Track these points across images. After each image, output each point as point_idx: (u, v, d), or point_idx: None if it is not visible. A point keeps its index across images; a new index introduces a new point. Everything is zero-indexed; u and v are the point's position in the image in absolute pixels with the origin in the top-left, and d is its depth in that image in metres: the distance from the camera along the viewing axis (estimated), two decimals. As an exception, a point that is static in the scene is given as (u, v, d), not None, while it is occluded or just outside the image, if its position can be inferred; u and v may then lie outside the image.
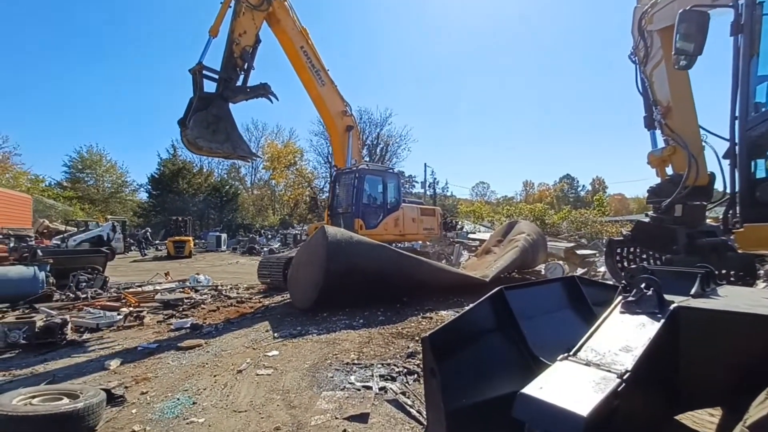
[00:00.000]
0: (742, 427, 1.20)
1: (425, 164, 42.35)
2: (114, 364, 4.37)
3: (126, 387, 3.70)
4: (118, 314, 6.50)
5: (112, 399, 3.38)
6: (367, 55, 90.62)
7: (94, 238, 18.61)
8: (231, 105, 7.72)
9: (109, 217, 31.63)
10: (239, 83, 7.87)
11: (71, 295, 8.32)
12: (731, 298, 2.06)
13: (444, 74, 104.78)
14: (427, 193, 41.60)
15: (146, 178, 43.90)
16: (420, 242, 12.89)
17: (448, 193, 56.62)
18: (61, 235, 19.45)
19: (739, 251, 4.87)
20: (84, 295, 8.28)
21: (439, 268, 7.65)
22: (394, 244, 9.85)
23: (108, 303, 7.51)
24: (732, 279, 4.84)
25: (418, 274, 7.04)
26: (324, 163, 45.59)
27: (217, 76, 7.48)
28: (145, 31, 78.96)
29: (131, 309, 7.11)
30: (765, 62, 2.15)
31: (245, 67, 7.89)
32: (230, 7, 7.89)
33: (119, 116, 78.40)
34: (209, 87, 7.48)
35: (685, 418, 2.60)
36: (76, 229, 21.87)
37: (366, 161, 13.41)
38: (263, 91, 8.12)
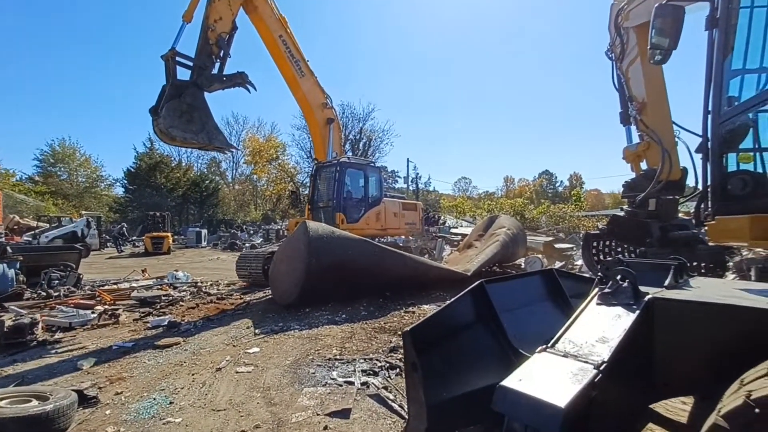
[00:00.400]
0: (717, 416, 1.22)
1: (408, 159, 42.51)
2: (87, 364, 4.23)
3: (100, 387, 3.58)
4: (93, 313, 6.29)
5: (85, 400, 3.26)
6: (349, 49, 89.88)
7: (67, 234, 17.98)
8: (207, 95, 7.39)
9: (83, 212, 30.49)
10: (215, 71, 7.53)
11: (43, 293, 8.01)
12: (703, 289, 2.11)
13: (427, 70, 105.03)
14: (410, 188, 41.68)
15: (122, 172, 42.62)
16: (402, 237, 12.90)
17: (431, 188, 56.92)
18: (33, 232, 18.66)
19: (710, 244, 5.05)
20: (56, 294, 7.98)
21: (421, 262, 7.68)
22: (376, 239, 9.88)
23: (82, 301, 7.26)
24: (702, 271, 5.00)
25: (401, 268, 7.05)
26: (307, 157, 45.07)
27: (191, 64, 7.15)
28: (120, 18, 76.10)
29: (106, 307, 6.89)
30: (739, 56, 2.20)
31: (221, 54, 7.57)
32: None
33: (93, 109, 75.45)
34: (183, 75, 7.12)
35: (659, 406, 2.69)
36: (48, 225, 21.04)
37: (348, 155, 13.21)
38: (240, 80, 7.77)
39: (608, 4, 6.03)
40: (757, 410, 1.12)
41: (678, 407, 2.70)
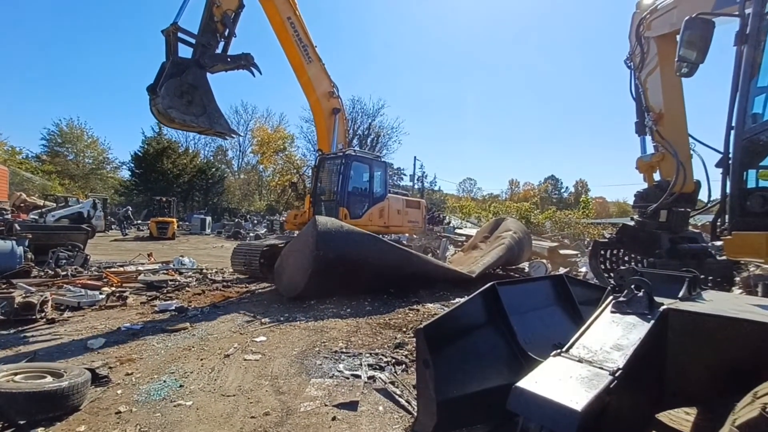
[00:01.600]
0: (731, 427, 1.25)
1: (415, 157, 42.22)
2: (97, 344, 4.30)
3: (110, 368, 3.65)
4: (100, 293, 6.37)
5: (97, 379, 3.33)
6: (364, 45, 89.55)
7: (74, 214, 18.06)
8: (210, 76, 7.00)
9: (89, 194, 30.72)
10: (219, 51, 7.13)
11: (50, 272, 8.10)
12: (717, 303, 2.14)
13: (439, 70, 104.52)
14: (415, 186, 41.63)
15: (129, 155, 42.75)
16: (406, 235, 12.86)
17: (436, 188, 56.82)
18: (39, 210, 18.81)
19: (720, 258, 5.06)
20: (64, 273, 8.08)
21: (427, 261, 7.71)
22: (380, 236, 9.80)
23: (89, 282, 7.35)
24: (709, 285, 5.01)
25: (407, 266, 7.08)
26: (313, 150, 44.99)
27: (194, 41, 6.73)
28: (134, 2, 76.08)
29: (114, 289, 6.98)
30: (765, 74, 2.20)
31: (226, 33, 7.14)
32: None
33: (102, 91, 75.75)
34: (185, 53, 6.73)
35: (663, 416, 2.71)
36: (54, 204, 21.19)
37: (354, 148, 12.87)
38: (245, 62, 7.31)
39: (622, 12, 6.01)
40: (772, 422, 1.15)
41: (682, 417, 2.73)
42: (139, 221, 29.55)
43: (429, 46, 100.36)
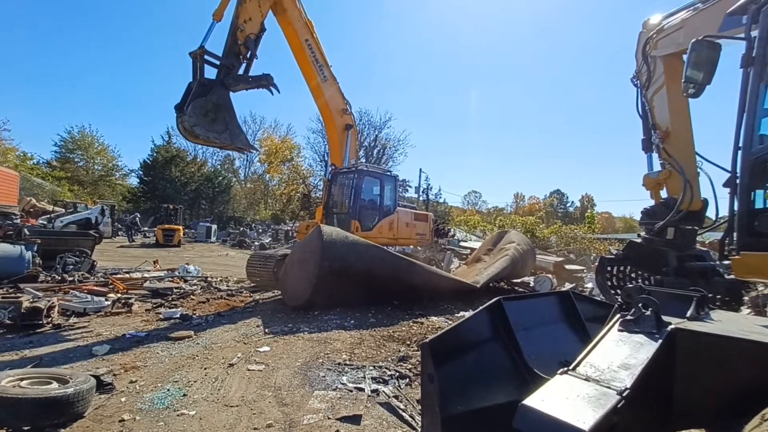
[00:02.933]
0: (740, 448, 1.24)
1: (420, 169, 42.35)
2: (102, 350, 4.33)
3: (115, 375, 3.67)
4: (106, 300, 6.41)
5: (101, 386, 3.34)
6: (371, 57, 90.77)
7: (82, 220, 18.28)
8: (231, 94, 7.43)
9: (97, 200, 31.08)
10: (241, 72, 7.60)
11: (57, 277, 8.18)
12: (725, 323, 2.12)
13: (445, 82, 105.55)
14: (420, 198, 41.70)
15: (138, 163, 43.31)
16: (411, 247, 12.86)
17: (441, 200, 56.84)
18: (48, 216, 19.05)
19: (728, 277, 5.01)
20: (71, 278, 8.15)
21: (432, 272, 7.69)
22: (387, 248, 9.87)
23: (95, 288, 7.40)
24: (718, 304, 4.95)
25: (412, 277, 7.07)
26: (320, 161, 45.43)
27: (218, 63, 7.18)
28: (147, 12, 78.05)
29: (119, 295, 7.02)
30: (773, 96, 2.23)
31: (248, 55, 7.61)
32: None
33: (115, 98, 77.11)
34: (209, 73, 7.19)
35: (671, 437, 2.66)
36: (63, 209, 21.44)
37: (363, 162, 13.18)
38: (265, 82, 7.83)
39: (628, 31, 6.07)
40: (781, 446, 1.15)
41: (690, 440, 2.69)
42: (146, 228, 29.79)
43: (436, 59, 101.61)
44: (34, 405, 2.69)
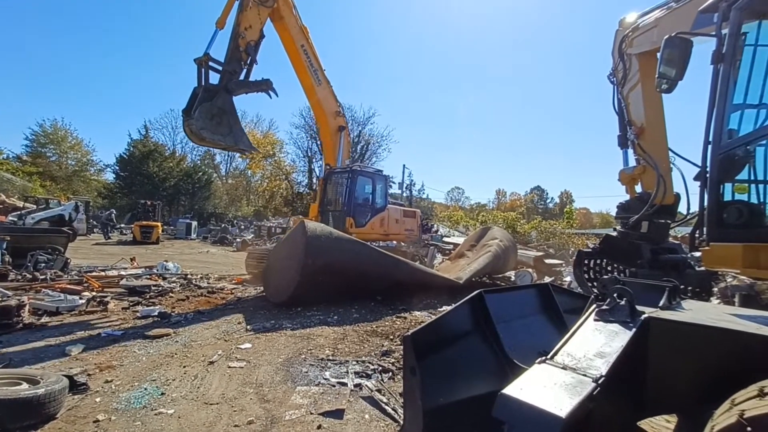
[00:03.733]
0: (710, 433, 1.28)
1: (404, 165, 42.42)
2: (75, 350, 4.18)
3: (89, 374, 3.56)
4: (80, 298, 6.21)
5: (75, 386, 3.24)
6: (354, 54, 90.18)
7: (54, 217, 17.66)
8: (233, 98, 7.78)
9: (71, 196, 30.00)
10: (242, 76, 7.95)
11: (28, 275, 7.87)
12: (696, 312, 2.20)
13: (429, 79, 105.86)
14: (404, 194, 41.81)
15: (114, 157, 41.94)
16: (394, 243, 12.99)
17: (424, 196, 57.09)
18: (19, 212, 18.30)
19: (699, 269, 5.21)
20: (43, 276, 7.85)
21: (416, 268, 7.73)
22: (375, 243, 10.13)
23: (69, 286, 7.17)
24: (689, 294, 5.14)
25: (397, 273, 7.09)
26: (303, 156, 45.03)
27: (221, 69, 7.51)
28: (122, 5, 75.38)
29: (94, 293, 6.81)
30: (740, 92, 2.31)
31: (248, 60, 7.98)
32: (237, 0, 7.94)
33: (88, 91, 74.32)
34: (212, 78, 7.53)
35: (644, 423, 2.76)
36: (35, 206, 20.62)
37: (359, 164, 13.77)
38: (265, 86, 8.23)
39: (606, 30, 6.20)
40: (749, 428, 1.19)
41: (662, 425, 2.79)
42: (123, 225, 28.96)
43: (419, 56, 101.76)
44: (2, 407, 2.58)
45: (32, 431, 2.62)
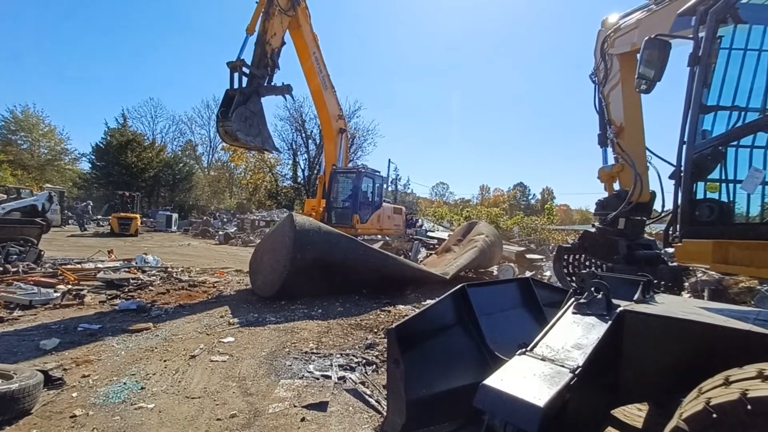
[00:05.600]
0: (678, 420, 1.35)
1: (389, 160, 42.57)
2: (50, 344, 4.06)
3: (65, 369, 3.48)
4: (55, 291, 6.03)
5: (50, 381, 3.16)
6: (339, 45, 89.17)
7: (26, 207, 16.85)
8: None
9: (45, 186, 28.87)
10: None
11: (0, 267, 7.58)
12: (668, 305, 2.30)
13: (414, 73, 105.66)
14: (389, 189, 41.83)
15: (90, 146, 40.55)
16: (379, 237, 13.18)
17: (409, 191, 57.27)
18: (-13, 202, 17.51)
19: (672, 264, 5.40)
20: (15, 269, 7.58)
21: (403, 263, 7.76)
22: (371, 238, 11.27)
23: (43, 279, 6.94)
24: (662, 289, 5.32)
25: (384, 268, 7.10)
26: (288, 149, 44.44)
27: (247, 72, 7.88)
28: (98, -13, 72.35)
29: (70, 287, 6.62)
30: (714, 93, 2.39)
31: (272, 66, 8.45)
32: (264, 8, 8.46)
33: (61, 76, 71.33)
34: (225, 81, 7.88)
35: (617, 411, 2.87)
36: (5, 195, 19.78)
37: (364, 165, 14.40)
38: (287, 90, 8.77)
39: (595, 28, 6.31)
40: (714, 415, 1.26)
41: (635, 413, 2.90)
42: (100, 216, 28.11)
43: (404, 51, 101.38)
44: (-26, 403, 2.51)
45: (6, 426, 2.55)
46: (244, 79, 7.86)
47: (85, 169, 41.98)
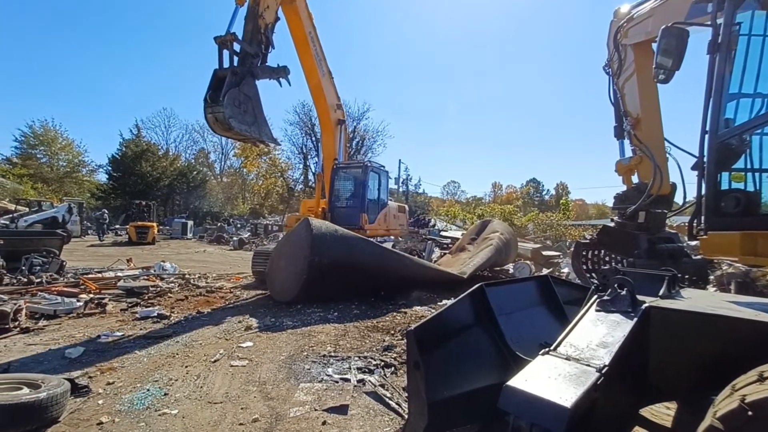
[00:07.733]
0: (713, 419, 1.30)
1: (400, 160, 42.53)
2: (75, 353, 4.16)
3: (90, 377, 3.55)
4: (78, 301, 6.17)
5: (76, 389, 3.22)
6: (348, 47, 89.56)
7: (48, 219, 17.44)
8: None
9: (64, 198, 29.70)
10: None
11: (24, 279, 7.81)
12: (695, 300, 2.22)
13: (423, 73, 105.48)
14: (400, 189, 41.80)
15: (106, 158, 41.53)
16: (392, 237, 13.10)
17: (421, 191, 57.09)
18: (11, 215, 18.09)
19: (696, 257, 5.25)
20: (38, 280, 7.79)
21: (420, 264, 7.72)
22: (375, 238, 10.37)
23: (66, 288, 7.11)
24: (686, 283, 5.18)
25: (402, 269, 7.06)
26: (298, 153, 44.84)
27: (238, 50, 6.69)
28: (112, 2, 74.26)
29: (92, 296, 6.76)
30: (736, 81, 2.32)
31: (266, 44, 7.35)
32: None
33: (78, 90, 73.37)
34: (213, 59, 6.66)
35: (645, 411, 2.79)
36: (27, 208, 20.40)
37: (370, 160, 13.78)
38: (283, 73, 7.58)
39: (606, 19, 6.20)
40: (750, 413, 1.21)
41: (663, 412, 2.82)
42: (117, 226, 28.75)
43: (414, 50, 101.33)
44: (4, 412, 2.57)
45: (36, 435, 2.61)
46: (235, 59, 6.66)
47: (103, 180, 43.08)
